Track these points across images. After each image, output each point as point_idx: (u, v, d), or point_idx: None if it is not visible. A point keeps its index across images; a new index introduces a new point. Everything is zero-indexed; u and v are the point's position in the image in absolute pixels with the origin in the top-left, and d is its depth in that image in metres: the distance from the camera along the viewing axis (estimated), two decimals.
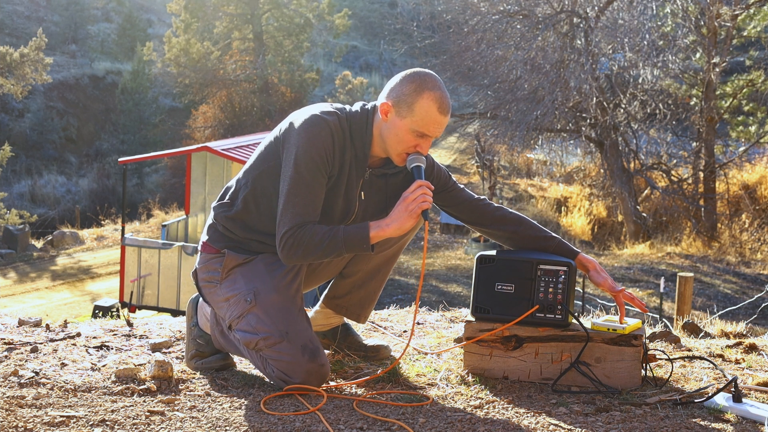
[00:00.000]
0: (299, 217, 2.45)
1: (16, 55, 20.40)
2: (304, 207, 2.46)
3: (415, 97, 2.46)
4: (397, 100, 2.49)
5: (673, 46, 17.23)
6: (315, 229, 2.45)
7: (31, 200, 27.06)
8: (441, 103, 2.47)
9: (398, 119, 2.49)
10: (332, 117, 2.50)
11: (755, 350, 3.00)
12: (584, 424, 2.21)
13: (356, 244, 2.45)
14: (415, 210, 2.43)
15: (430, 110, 2.46)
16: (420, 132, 2.48)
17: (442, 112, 2.47)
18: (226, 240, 2.66)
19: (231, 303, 2.59)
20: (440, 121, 2.48)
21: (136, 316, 9.10)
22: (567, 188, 22.38)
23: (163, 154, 16.48)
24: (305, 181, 2.45)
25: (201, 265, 2.72)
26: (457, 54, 18.39)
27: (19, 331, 3.21)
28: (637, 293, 13.05)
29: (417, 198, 2.44)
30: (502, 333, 2.60)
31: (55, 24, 37.74)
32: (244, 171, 2.66)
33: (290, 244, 2.46)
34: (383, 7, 42.78)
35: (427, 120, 2.47)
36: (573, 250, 2.70)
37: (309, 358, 2.46)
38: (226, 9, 28.97)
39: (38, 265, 17.38)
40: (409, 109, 2.47)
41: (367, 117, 2.55)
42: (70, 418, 2.19)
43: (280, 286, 2.57)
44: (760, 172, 19.33)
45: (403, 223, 2.45)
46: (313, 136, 2.45)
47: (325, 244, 2.44)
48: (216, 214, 2.68)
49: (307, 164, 2.45)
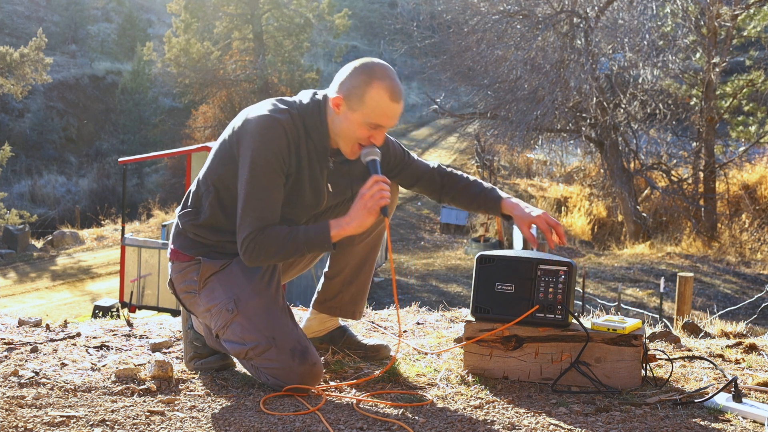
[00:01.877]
0: (259, 221, 2.44)
1: (16, 55, 20.41)
2: (262, 210, 2.44)
3: (365, 88, 2.44)
4: (348, 93, 2.46)
5: (673, 46, 17.22)
6: (275, 231, 2.44)
7: (31, 200, 27.07)
8: (392, 92, 2.44)
9: (350, 112, 2.46)
10: (284, 115, 2.47)
11: (755, 350, 3.00)
12: (584, 424, 2.21)
13: (317, 245, 2.45)
14: (373, 207, 2.43)
15: (381, 100, 2.43)
16: (373, 123, 2.46)
17: (394, 100, 2.45)
18: (198, 246, 2.64)
19: (213, 313, 2.57)
20: (393, 111, 2.46)
21: (136, 316, 9.10)
22: (567, 188, 22.38)
23: (163, 154, 16.49)
24: (262, 184, 2.44)
25: (176, 274, 2.68)
26: (457, 54, 18.39)
27: (19, 331, 3.21)
28: (637, 293, 13.05)
29: (374, 195, 2.42)
30: (502, 333, 2.60)
31: (55, 24, 37.76)
32: (203, 174, 2.62)
33: (252, 248, 2.45)
34: (383, 7, 42.80)
35: (378, 111, 2.44)
36: (497, 197, 2.73)
37: (299, 361, 2.45)
38: (226, 9, 28.97)
39: (38, 265, 17.38)
40: (360, 101, 2.44)
41: (319, 109, 2.52)
42: (70, 418, 2.19)
43: (259, 288, 2.55)
44: (760, 172, 19.33)
45: (363, 221, 2.44)
46: (267, 138, 2.42)
47: (286, 246, 2.44)
48: (183, 222, 2.65)
49: (263, 167, 2.43)
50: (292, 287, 10.96)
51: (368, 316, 3.59)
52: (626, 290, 12.84)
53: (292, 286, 10.95)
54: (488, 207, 2.76)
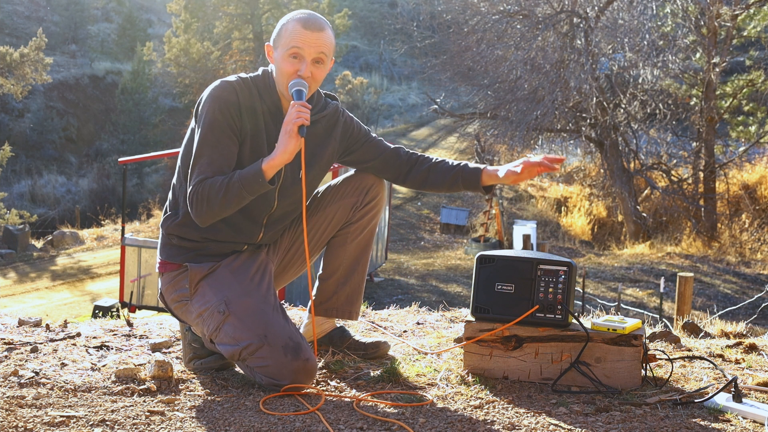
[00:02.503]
0: (201, 175, 2.48)
1: (16, 55, 20.40)
2: (208, 166, 2.48)
3: (283, 25, 2.56)
4: (274, 37, 2.59)
5: (673, 46, 17.23)
6: (214, 180, 2.47)
7: (31, 200, 27.06)
8: (305, 22, 2.52)
9: (276, 53, 2.56)
10: (235, 79, 2.57)
11: (755, 350, 3.00)
12: (584, 424, 2.21)
13: (252, 181, 2.46)
14: (292, 129, 2.45)
15: (294, 28, 2.52)
16: (291, 51, 2.52)
17: (307, 27, 2.51)
18: (184, 251, 2.65)
19: (205, 317, 2.57)
20: (306, 36, 2.51)
21: (136, 316, 9.10)
22: (567, 188, 22.39)
23: (163, 154, 16.46)
24: (209, 142, 2.49)
25: (166, 285, 2.70)
26: (457, 54, 18.40)
27: (19, 331, 3.21)
28: (637, 293, 13.05)
29: (292, 116, 2.46)
30: (502, 333, 2.60)
31: (55, 24, 37.76)
32: (176, 175, 2.67)
33: (195, 200, 2.48)
34: (383, 7, 42.79)
35: (293, 37, 2.51)
36: (476, 168, 2.74)
37: (292, 357, 2.44)
38: (226, 9, 28.98)
39: (38, 265, 17.38)
40: (278, 37, 2.56)
41: (269, 74, 2.62)
42: (70, 418, 2.19)
43: (250, 288, 2.56)
44: (760, 172, 19.34)
45: (287, 146, 2.45)
46: (216, 97, 2.51)
47: (224, 190, 2.45)
48: (166, 228, 2.68)
49: (211, 124, 2.49)
50: (292, 287, 10.95)
51: (368, 316, 3.59)
52: (626, 290, 12.85)
53: (292, 286, 10.94)
54: (467, 178, 2.75)
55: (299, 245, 2.83)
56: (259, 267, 2.64)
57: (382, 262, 15.04)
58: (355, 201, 2.79)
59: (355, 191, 2.79)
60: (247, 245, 2.70)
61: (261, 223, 2.67)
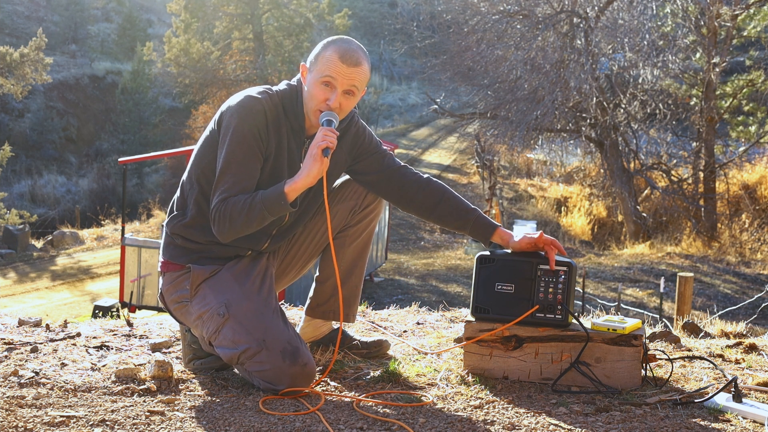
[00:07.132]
0: (225, 193, 2.49)
1: (16, 55, 20.40)
2: (232, 183, 2.49)
3: (321, 51, 2.55)
4: (311, 60, 2.58)
5: (673, 46, 17.23)
6: (236, 199, 2.48)
7: (31, 200, 27.05)
8: (343, 53, 2.51)
9: (309, 75, 2.56)
10: (263, 95, 2.55)
11: (755, 350, 3.00)
12: (584, 424, 2.21)
13: (274, 203, 2.46)
14: (316, 153, 2.45)
15: (331, 58, 2.51)
16: (324, 80, 2.51)
17: (344, 61, 2.50)
18: (188, 253, 2.65)
19: (205, 319, 2.57)
20: (342, 69, 2.50)
21: (136, 316, 9.10)
22: (567, 188, 22.39)
23: (163, 154, 16.48)
24: (237, 159, 2.49)
25: (167, 285, 2.69)
26: (457, 54, 18.39)
27: (19, 331, 3.21)
28: (637, 293, 13.05)
29: (317, 140, 2.46)
30: (502, 333, 2.60)
31: (55, 24, 37.76)
32: (186, 174, 2.67)
33: (217, 218, 2.49)
34: (383, 7, 42.80)
35: (328, 66, 2.50)
36: (492, 223, 2.70)
37: (290, 362, 2.44)
38: (226, 9, 28.97)
39: (38, 265, 17.38)
40: (315, 62, 2.55)
41: (296, 91, 2.61)
42: (70, 418, 2.19)
43: (250, 292, 2.57)
44: (760, 172, 19.34)
45: (311, 170, 2.46)
46: (246, 115, 2.50)
47: (246, 210, 2.46)
48: (171, 227, 2.67)
49: (240, 142, 2.49)
50: (293, 287, 10.95)
51: (368, 316, 3.59)
52: (626, 290, 12.84)
53: (293, 286, 10.94)
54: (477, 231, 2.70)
55: (298, 248, 2.83)
56: (261, 271, 2.64)
57: (382, 262, 15.03)
58: (353, 204, 2.78)
59: (354, 195, 2.78)
60: (251, 251, 2.70)
61: (270, 233, 2.68)
